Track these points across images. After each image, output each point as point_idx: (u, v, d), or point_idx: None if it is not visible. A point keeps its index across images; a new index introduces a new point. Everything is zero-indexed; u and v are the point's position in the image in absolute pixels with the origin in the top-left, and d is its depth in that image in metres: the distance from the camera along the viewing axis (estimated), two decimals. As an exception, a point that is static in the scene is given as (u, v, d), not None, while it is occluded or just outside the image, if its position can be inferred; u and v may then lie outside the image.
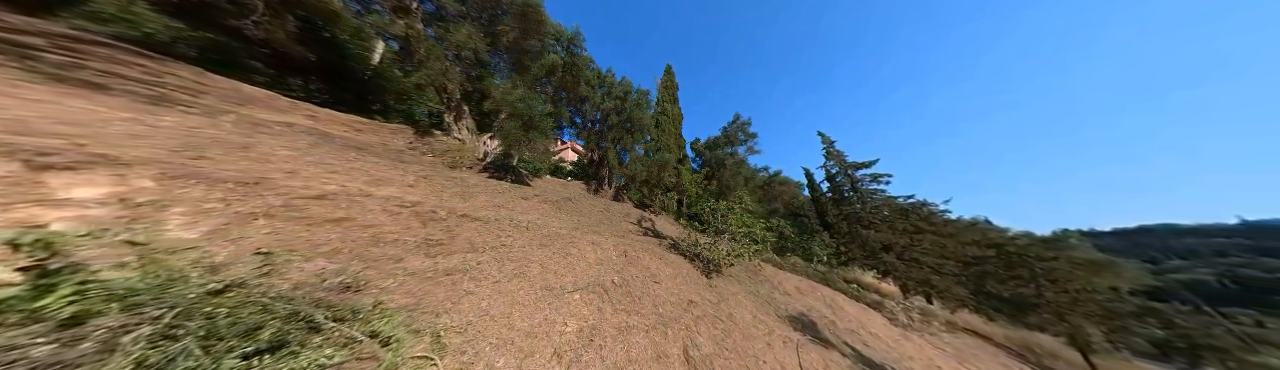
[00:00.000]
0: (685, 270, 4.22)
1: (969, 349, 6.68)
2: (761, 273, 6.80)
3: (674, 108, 15.48)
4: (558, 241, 3.29)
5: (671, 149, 14.92)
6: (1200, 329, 17.95)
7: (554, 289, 2.39)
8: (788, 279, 7.13)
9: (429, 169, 3.87)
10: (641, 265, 3.62)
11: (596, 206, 6.70)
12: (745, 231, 5.24)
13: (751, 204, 5.85)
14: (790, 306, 4.96)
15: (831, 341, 4.09)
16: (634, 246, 4.23)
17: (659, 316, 2.67)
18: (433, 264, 2.06)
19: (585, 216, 5.32)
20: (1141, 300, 13.92)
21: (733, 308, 3.68)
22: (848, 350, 4.06)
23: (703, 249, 4.82)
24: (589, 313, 2.28)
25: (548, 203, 5.06)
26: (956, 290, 8.69)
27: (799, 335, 3.76)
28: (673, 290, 3.33)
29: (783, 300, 5.30)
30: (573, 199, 6.35)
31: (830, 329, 4.64)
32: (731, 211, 5.39)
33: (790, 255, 11.07)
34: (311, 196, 2.11)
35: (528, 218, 3.78)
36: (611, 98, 9.05)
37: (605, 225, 5.28)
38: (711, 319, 3.09)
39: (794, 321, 4.27)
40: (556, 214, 4.64)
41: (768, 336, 3.30)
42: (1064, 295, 7.61)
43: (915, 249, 9.66)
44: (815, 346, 3.60)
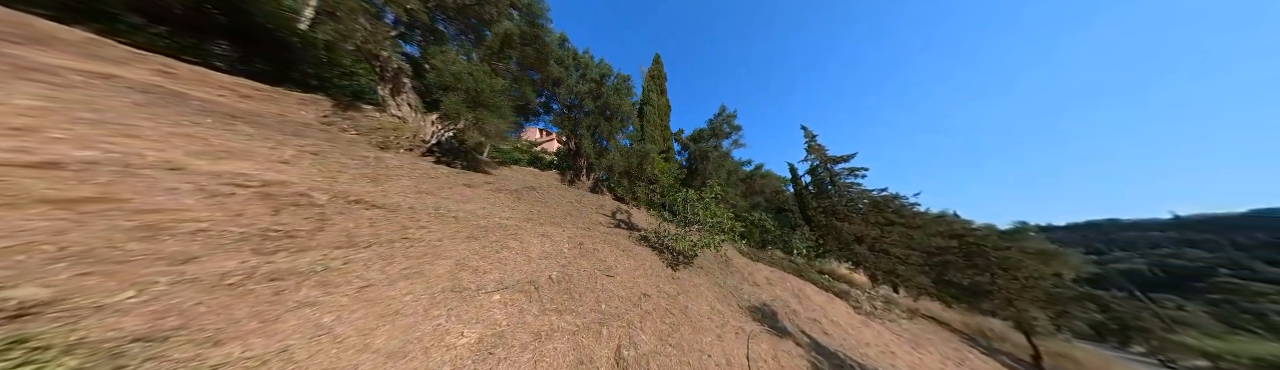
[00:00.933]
0: (649, 262, 4.04)
1: (924, 334, 6.97)
2: (732, 264, 6.77)
3: (661, 99, 15.07)
4: (495, 234, 2.94)
5: (657, 141, 14.58)
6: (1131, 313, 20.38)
7: (465, 290, 2.04)
8: (759, 270, 7.15)
9: (333, 145, 3.18)
10: (598, 258, 3.39)
11: (567, 198, 6.37)
12: (713, 221, 5.10)
13: (721, 192, 5.68)
14: (756, 297, 4.90)
15: (789, 331, 4.04)
16: (595, 238, 3.97)
17: (599, 315, 2.45)
18: (252, 266, 1.42)
19: (549, 207, 4.94)
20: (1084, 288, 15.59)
21: (691, 300, 3.54)
22: (804, 339, 4.04)
23: (670, 240, 4.63)
24: (504, 317, 1.96)
25: (503, 192, 4.65)
26: (919, 279, 9.13)
27: (756, 326, 3.68)
28: (628, 284, 3.13)
29: (750, 291, 5.26)
30: (539, 189, 5.98)
31: (791, 318, 4.63)
32: (700, 201, 5.23)
33: (771, 248, 11.22)
34: (26, 164, 1.34)
35: (465, 207, 3.37)
36: (586, 80, 8.30)
37: (571, 217, 4.96)
38: (663, 313, 2.91)
39: (755, 312, 4.19)
40: (511, 204, 4.24)
41: (721, 328, 3.18)
42: (1014, 282, 8.13)
43: (885, 240, 10.02)
44: (769, 336, 3.52)
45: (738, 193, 14.25)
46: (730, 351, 2.82)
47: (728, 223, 5.15)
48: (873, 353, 4.69)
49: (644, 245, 4.76)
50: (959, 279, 8.88)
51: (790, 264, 9.16)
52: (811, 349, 3.77)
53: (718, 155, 14.27)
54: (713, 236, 4.76)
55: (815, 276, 8.44)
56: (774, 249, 11.23)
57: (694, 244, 4.59)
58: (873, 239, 10.12)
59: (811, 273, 8.76)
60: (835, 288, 8.05)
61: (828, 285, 8.08)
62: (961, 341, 7.55)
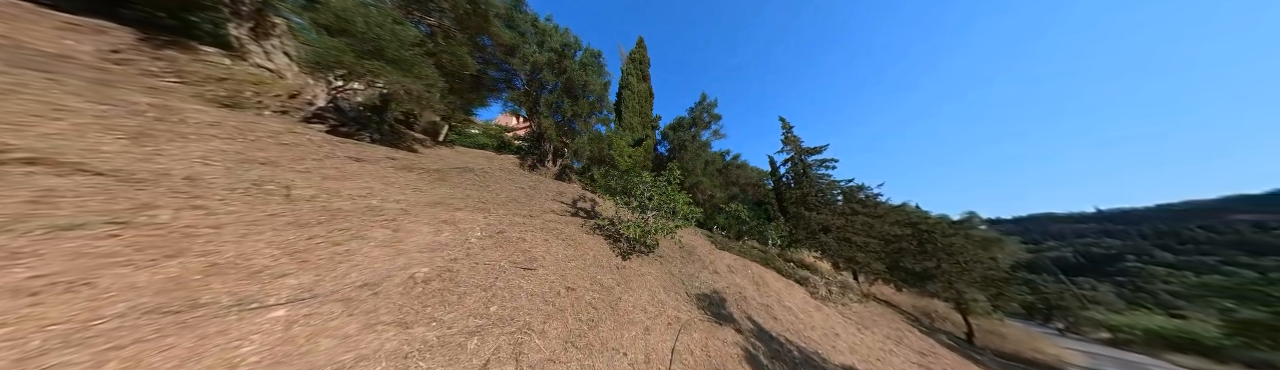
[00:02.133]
0: (595, 253, 3.67)
1: (872, 316, 7.27)
2: (696, 253, 6.59)
3: (642, 84, 14.32)
4: (350, 220, 2.26)
5: (636, 128, 13.95)
6: (1056, 293, 23.45)
7: (207, 307, 1.27)
8: (722, 258, 7.04)
9: (94, 89, 2.21)
10: (519, 249, 2.95)
11: (520, 183, 5.78)
12: (669, 207, 4.80)
13: (680, 177, 5.34)
14: (711, 285, 4.69)
15: (734, 317, 3.86)
16: (531, 227, 3.52)
17: (481, 320, 1.92)
18: None
19: (485, 192, 4.36)
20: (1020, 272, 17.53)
21: (631, 291, 3.23)
22: (748, 325, 3.87)
23: (622, 228, 4.23)
24: (272, 345, 1.24)
25: (416, 171, 3.94)
26: (875, 265, 9.56)
27: (698, 314, 3.47)
28: (550, 278, 2.73)
29: (707, 279, 5.08)
30: (479, 171, 5.34)
31: (740, 305, 4.48)
32: (655, 185, 4.88)
33: (748, 238, 11.24)
34: None
35: (328, 184, 2.67)
36: (546, 50, 7.21)
37: (515, 204, 4.41)
38: (583, 308, 2.56)
39: (703, 299, 3.98)
40: (422, 185, 3.59)
41: (653, 320, 2.90)
42: (956, 266, 8.69)
43: (848, 229, 10.37)
44: (709, 325, 3.31)
45: (716, 184, 14.14)
46: (654, 346, 2.55)
47: (684, 208, 4.86)
48: (816, 336, 4.69)
49: (597, 234, 4.37)
50: (911, 265, 9.38)
51: (760, 253, 9.20)
52: (752, 335, 3.61)
53: (697, 145, 13.98)
54: (665, 222, 4.43)
55: (780, 264, 8.52)
56: (750, 239, 11.30)
57: (646, 231, 4.23)
58: (838, 228, 10.43)
59: (778, 261, 8.85)
60: (796, 274, 8.16)
61: (790, 272, 8.18)
62: (906, 322, 7.97)
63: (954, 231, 9.81)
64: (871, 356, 4.81)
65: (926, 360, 5.66)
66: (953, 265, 8.82)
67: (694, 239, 8.46)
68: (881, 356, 4.98)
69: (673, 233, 4.54)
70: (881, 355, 5.05)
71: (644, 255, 4.58)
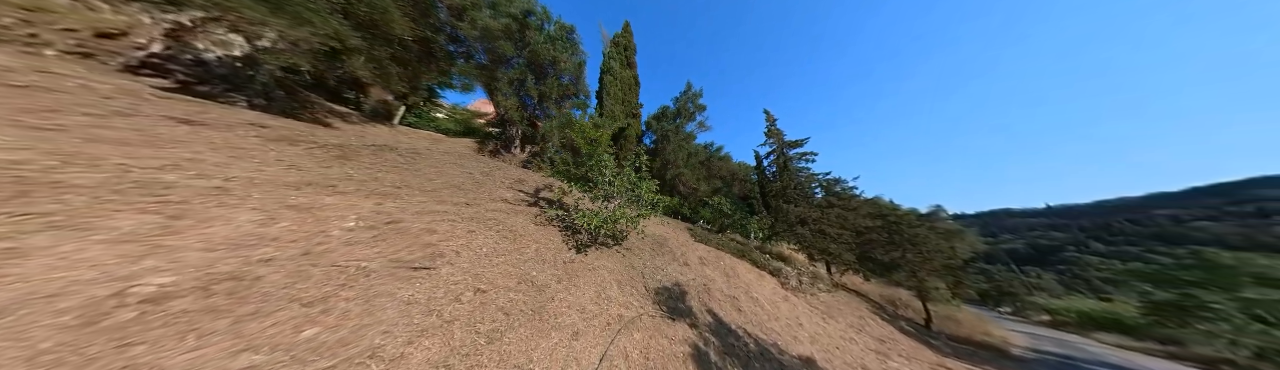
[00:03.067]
0: (538, 246, 3.28)
1: (838, 305, 7.42)
2: (668, 244, 6.35)
3: (626, 71, 13.65)
4: (110, 198, 1.56)
5: (618, 116, 13.36)
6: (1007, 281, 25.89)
7: None
8: (695, 250, 6.86)
9: None
10: (416, 242, 2.34)
11: (468, 169, 5.15)
12: (633, 194, 4.42)
13: (646, 162, 4.95)
14: (675, 277, 4.43)
15: (692, 311, 3.63)
16: (454, 217, 3.00)
17: (279, 352, 1.24)
18: None
19: (408, 175, 3.69)
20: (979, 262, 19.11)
21: (572, 289, 2.86)
22: (707, 319, 3.65)
23: (577, 218, 3.79)
24: None
25: (316, 147, 3.23)
26: (846, 256, 9.83)
27: (651, 309, 3.20)
28: (453, 278, 2.20)
29: (674, 271, 4.84)
30: (412, 153, 4.56)
31: (702, 297, 4.27)
32: (617, 169, 4.46)
33: (730, 232, 11.19)
34: None
35: (92, 150, 1.77)
36: (502, 15, 6.33)
37: (452, 190, 3.85)
38: (490, 315, 2.07)
39: (662, 293, 3.72)
40: (307, 163, 2.86)
41: (588, 321, 2.55)
42: (919, 256, 9.07)
43: (823, 221, 10.58)
44: (658, 321, 3.04)
45: (700, 176, 13.95)
46: (580, 353, 2.18)
47: (649, 195, 4.52)
48: (779, 326, 4.60)
49: (551, 226, 3.96)
50: (879, 255, 9.71)
51: (738, 245, 9.17)
52: (708, 329, 3.39)
53: (681, 137, 13.65)
54: (625, 211, 4.03)
55: (756, 256, 8.51)
56: (732, 233, 11.25)
57: (604, 221, 3.81)
58: (814, 220, 10.61)
59: (754, 253, 8.86)
60: (770, 266, 8.18)
61: (764, 263, 8.19)
62: (870, 310, 8.24)
63: (920, 223, 10.28)
64: (831, 345, 4.80)
65: (884, 346, 5.79)
66: (916, 255, 9.20)
67: (669, 231, 8.25)
68: (841, 345, 5.00)
69: (636, 222, 4.21)
70: (841, 343, 5.07)
71: (607, 248, 4.22)
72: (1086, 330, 14.83)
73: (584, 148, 4.89)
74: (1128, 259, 29.59)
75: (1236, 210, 77.91)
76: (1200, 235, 61.29)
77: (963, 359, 6.67)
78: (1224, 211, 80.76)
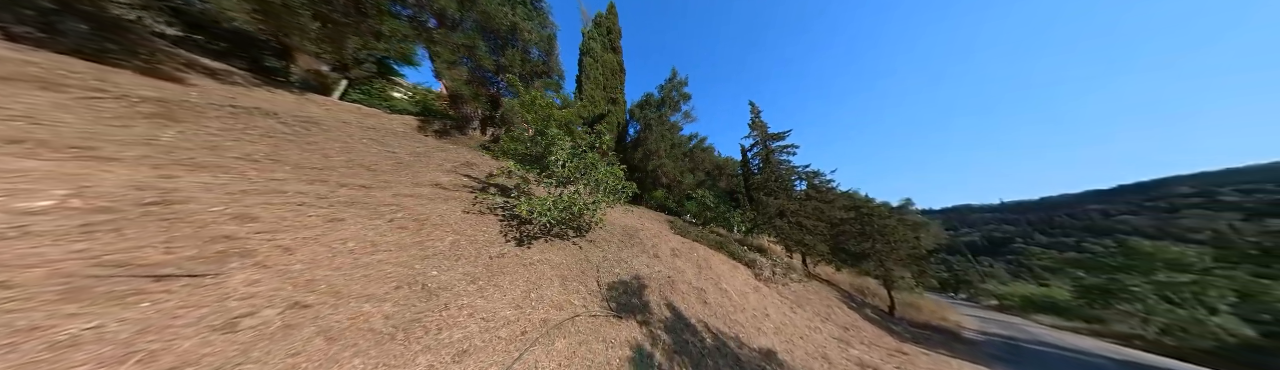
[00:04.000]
0: (455, 238, 2.77)
1: (808, 294, 7.51)
2: (639, 236, 6.02)
3: (609, 55, 12.81)
4: None
5: (598, 102, 12.59)
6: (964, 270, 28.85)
7: None
8: (668, 242, 6.58)
9: None
10: (199, 233, 1.65)
11: (394, 147, 4.37)
12: (589, 179, 3.85)
13: (608, 142, 4.43)
14: (636, 270, 4.09)
15: (647, 307, 3.30)
16: (300, 198, 2.36)
17: None
18: None
19: (283, 148, 2.94)
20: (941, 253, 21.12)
21: (486, 290, 2.36)
22: (664, 314, 3.34)
23: (518, 207, 3.14)
24: None
25: (89, 96, 2.36)
26: (821, 247, 10.07)
27: (596, 308, 2.83)
28: (261, 287, 1.53)
29: (640, 264, 4.48)
30: (308, 124, 3.78)
31: (664, 291, 3.96)
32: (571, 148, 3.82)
33: (713, 225, 11.06)
34: None
35: None
36: None
37: (355, 170, 3.21)
38: (295, 344, 1.36)
39: (615, 289, 3.36)
40: (65, 117, 2.06)
41: (493, 331, 2.02)
42: (887, 246, 9.41)
43: (800, 214, 10.73)
44: (600, 321, 2.68)
45: (683, 168, 13.63)
46: None
47: (608, 180, 4.03)
48: (744, 318, 4.42)
49: (491, 215, 3.47)
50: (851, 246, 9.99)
51: (717, 238, 9.04)
52: (661, 326, 3.08)
53: (665, 127, 13.13)
54: (578, 197, 3.50)
55: (734, 248, 8.39)
56: (716, 226, 11.08)
57: (551, 208, 3.22)
58: (792, 213, 10.73)
59: (732, 245, 8.77)
60: (745, 257, 8.11)
61: (740, 255, 8.10)
62: (839, 299, 8.44)
63: (890, 215, 10.66)
64: (795, 335, 4.72)
65: (848, 334, 5.85)
66: (884, 245, 9.52)
67: (646, 223, 7.93)
68: (806, 334, 4.94)
69: (594, 210, 3.74)
70: (806, 333, 5.02)
71: (562, 239, 3.78)
72: (1028, 313, 16.52)
73: (535, 124, 4.23)
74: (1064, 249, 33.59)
75: (1152, 205, 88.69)
76: (1123, 227, 70.24)
77: (920, 343, 6.95)
78: (1143, 206, 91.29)
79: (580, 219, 3.87)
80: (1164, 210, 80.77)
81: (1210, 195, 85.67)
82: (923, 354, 5.97)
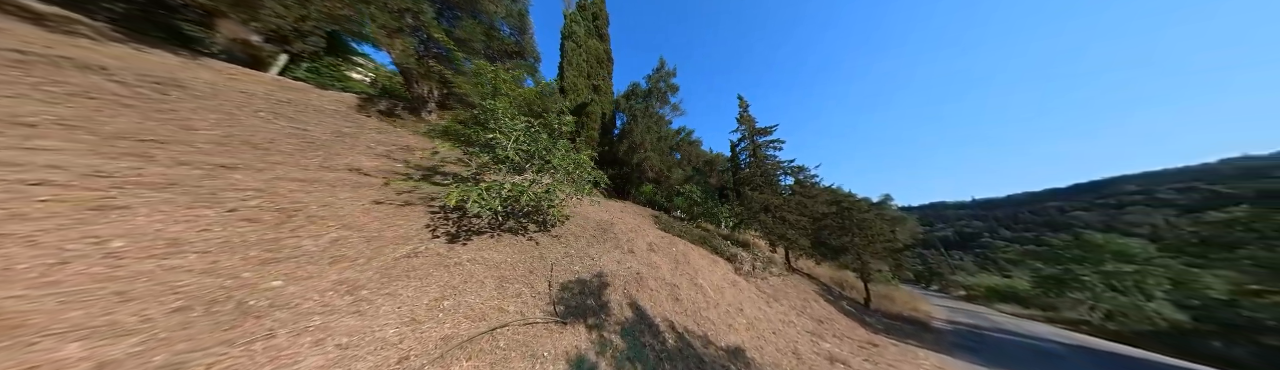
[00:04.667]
0: (350, 234, 2.36)
1: (787, 288, 7.53)
2: (614, 230, 5.70)
3: (594, 42, 12.12)
4: None
5: (581, 90, 11.96)
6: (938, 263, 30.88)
7: None
8: (645, 236, 6.31)
9: None
10: None
11: (306, 125, 3.74)
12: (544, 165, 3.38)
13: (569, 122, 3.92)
14: (602, 268, 3.78)
15: (607, 307, 3.02)
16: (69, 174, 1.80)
17: None
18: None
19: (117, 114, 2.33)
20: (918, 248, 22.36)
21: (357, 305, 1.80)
22: (625, 315, 3.06)
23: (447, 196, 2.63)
24: None
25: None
26: (802, 241, 10.17)
27: (536, 314, 2.49)
28: None
29: (610, 260, 4.16)
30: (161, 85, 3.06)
31: (630, 289, 3.65)
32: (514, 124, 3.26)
33: (702, 220, 11.06)
34: None
35: None
36: None
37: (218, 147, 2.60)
38: None
39: (570, 289, 3.05)
40: None
41: (368, 357, 1.54)
42: (864, 239, 9.60)
43: (784, 208, 10.77)
44: (539, 329, 2.35)
45: (670, 163, 13.31)
46: None
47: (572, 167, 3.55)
48: (716, 315, 4.23)
49: (419, 206, 3.03)
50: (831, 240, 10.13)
51: (701, 232, 8.89)
52: (617, 329, 2.80)
53: (652, 119, 12.65)
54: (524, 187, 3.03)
55: (717, 242, 8.25)
56: (704, 221, 11.07)
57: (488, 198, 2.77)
58: (776, 207, 10.75)
59: (716, 239, 8.64)
60: (727, 252, 8.00)
61: (722, 249, 7.99)
62: (816, 292, 8.54)
63: (869, 209, 10.88)
64: (768, 330, 4.60)
65: (822, 327, 5.85)
66: (862, 239, 9.70)
67: (627, 217, 7.63)
68: (779, 328, 4.84)
69: (550, 199, 3.33)
70: (780, 327, 4.93)
71: (516, 235, 3.40)
72: (992, 302, 17.71)
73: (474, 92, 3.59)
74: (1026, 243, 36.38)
75: (1102, 202, 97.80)
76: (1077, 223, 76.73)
77: (891, 335, 7.10)
78: (1094, 203, 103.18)
79: (541, 212, 3.45)
80: (1112, 207, 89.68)
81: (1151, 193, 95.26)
82: (892, 345, 6.05)
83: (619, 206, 9.47)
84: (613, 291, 3.42)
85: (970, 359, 5.90)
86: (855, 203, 10.96)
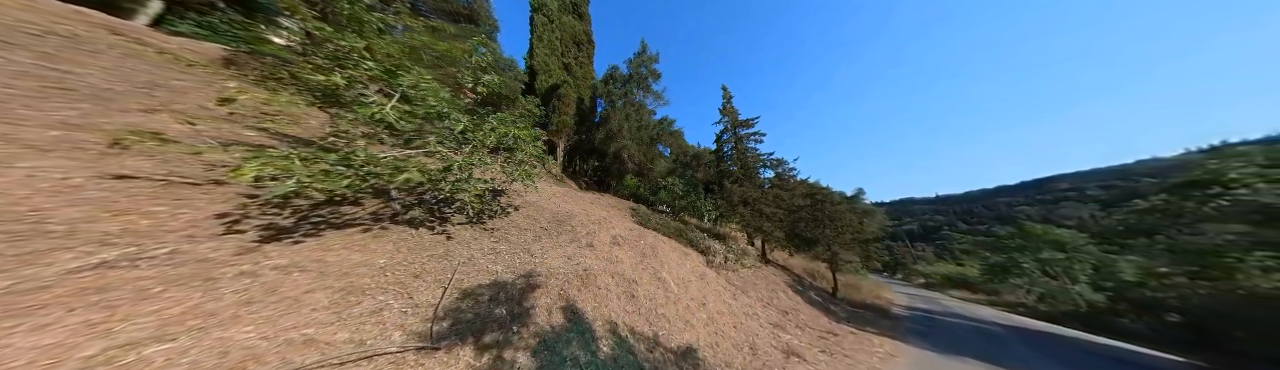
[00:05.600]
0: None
1: (756, 280, 7.52)
2: (572, 222, 5.21)
3: (571, 20, 10.99)
4: None
5: (553, 70, 10.99)
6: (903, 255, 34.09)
7: None
8: (611, 229, 5.86)
9: None
10: None
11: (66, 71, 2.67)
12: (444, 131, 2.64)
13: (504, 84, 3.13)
14: (539, 266, 3.32)
15: (528, 315, 2.57)
16: None
17: None
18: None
19: None
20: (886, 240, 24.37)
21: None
22: (553, 322, 2.62)
23: (245, 169, 1.79)
24: None
25: None
26: (777, 233, 10.28)
27: (394, 337, 1.90)
28: None
29: (558, 256, 3.71)
30: None
31: (567, 288, 3.20)
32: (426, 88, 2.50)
33: (686, 214, 10.89)
34: None
35: None
36: None
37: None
38: None
39: (477, 295, 2.56)
40: None
41: None
42: (835, 230, 9.84)
43: (762, 201, 10.79)
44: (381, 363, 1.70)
45: (653, 154, 12.78)
46: None
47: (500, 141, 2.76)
48: (674, 311, 3.94)
49: (220, 186, 2.17)
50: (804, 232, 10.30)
51: (679, 225, 8.65)
52: (530, 343, 2.29)
53: (632, 107, 11.90)
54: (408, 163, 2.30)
55: (693, 235, 8.05)
56: (688, 215, 10.90)
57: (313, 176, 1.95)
58: (754, 200, 10.73)
59: (693, 232, 8.43)
60: (702, 244, 7.80)
61: (697, 242, 7.80)
62: (786, 283, 8.65)
63: (841, 202, 11.14)
64: (730, 324, 4.42)
65: (786, 318, 5.82)
66: (833, 230, 9.93)
67: (593, 209, 7.15)
68: (741, 322, 4.68)
69: (466, 184, 2.64)
70: (742, 320, 4.77)
71: (419, 227, 2.78)
72: (946, 288, 19.89)
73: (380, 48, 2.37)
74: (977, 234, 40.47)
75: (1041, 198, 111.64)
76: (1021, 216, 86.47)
77: (852, 323, 7.31)
78: (1035, 199, 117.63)
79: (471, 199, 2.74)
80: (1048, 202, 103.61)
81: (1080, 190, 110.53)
82: (851, 333, 6.16)
83: (591, 198, 8.99)
84: (543, 294, 2.93)
85: (922, 344, 6.14)
86: (829, 195, 11.17)
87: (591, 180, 12.93)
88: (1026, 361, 5.24)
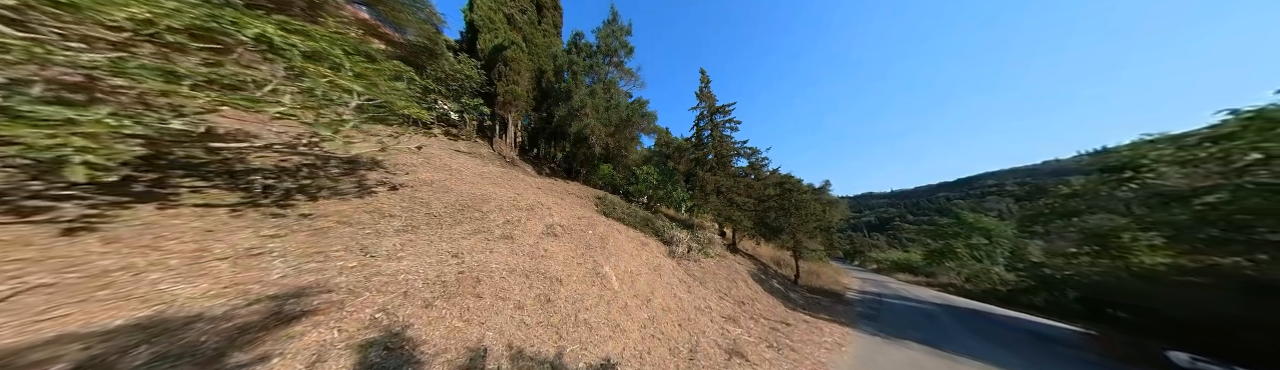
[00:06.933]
0: None
1: (717, 270, 7.17)
2: (482, 208, 4.18)
3: None
4: None
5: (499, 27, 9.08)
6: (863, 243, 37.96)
7: None
8: (546, 217, 4.89)
9: None
10: None
11: None
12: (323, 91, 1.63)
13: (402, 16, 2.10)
14: (397, 267, 2.53)
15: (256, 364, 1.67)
16: None
17: None
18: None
19: None
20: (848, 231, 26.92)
21: None
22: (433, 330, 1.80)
23: None
24: None
25: None
26: (746, 222, 10.09)
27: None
28: None
29: (430, 252, 2.91)
30: None
31: (401, 304, 2.41)
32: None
33: (662, 205, 10.41)
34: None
35: None
36: None
37: None
38: None
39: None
40: None
41: None
42: (799, 219, 9.83)
43: (734, 190, 10.48)
44: None
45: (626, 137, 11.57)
46: None
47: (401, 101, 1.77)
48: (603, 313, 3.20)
49: None
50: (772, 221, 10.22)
51: (646, 214, 7.91)
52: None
53: (601, 84, 10.37)
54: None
55: (660, 224, 7.40)
56: (665, 206, 10.50)
57: None
58: (727, 189, 10.42)
59: (659, 220, 7.80)
60: (665, 234, 7.19)
61: (661, 231, 7.20)
62: (749, 272, 8.47)
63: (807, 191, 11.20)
64: (674, 322, 3.83)
65: (742, 309, 5.45)
66: (797, 218, 9.92)
67: (526, 192, 6.08)
68: (689, 318, 4.13)
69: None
70: (691, 316, 4.23)
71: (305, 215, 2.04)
72: (894, 273, 22.12)
73: None
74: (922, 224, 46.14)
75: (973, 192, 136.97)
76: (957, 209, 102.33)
77: (808, 310, 7.29)
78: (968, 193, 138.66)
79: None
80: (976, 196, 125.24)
81: (1001, 186, 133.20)
82: (804, 321, 6.00)
83: (540, 184, 7.90)
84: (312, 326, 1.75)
85: (870, 327, 6.27)
86: (798, 185, 11.15)
87: (560, 167, 11.67)
88: (963, 343, 5.46)
